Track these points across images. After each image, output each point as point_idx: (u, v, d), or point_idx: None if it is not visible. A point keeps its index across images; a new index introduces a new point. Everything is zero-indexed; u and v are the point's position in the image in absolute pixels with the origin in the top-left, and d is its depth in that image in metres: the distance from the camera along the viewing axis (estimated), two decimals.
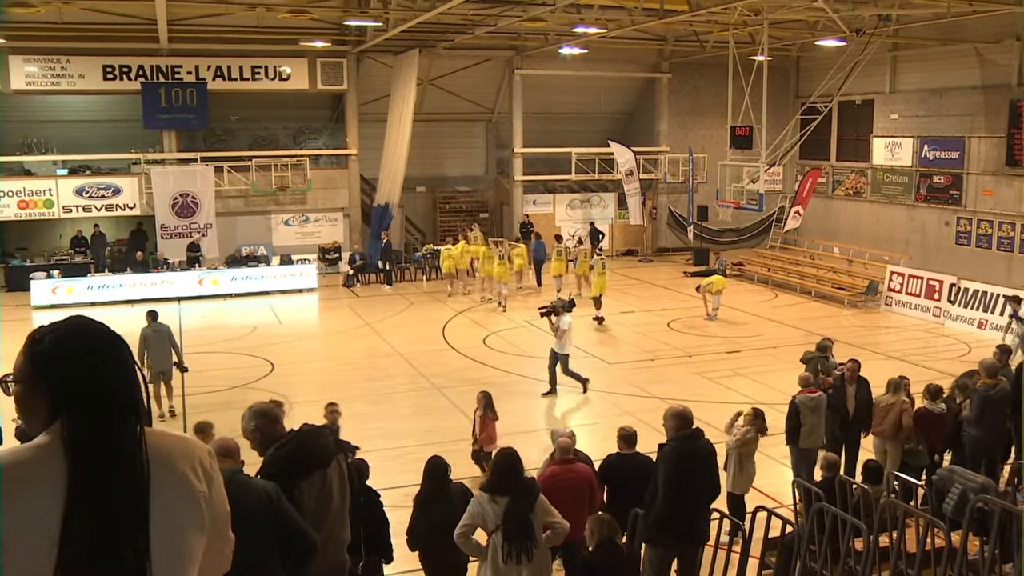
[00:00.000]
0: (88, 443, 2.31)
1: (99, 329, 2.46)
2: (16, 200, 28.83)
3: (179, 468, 2.43)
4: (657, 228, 35.75)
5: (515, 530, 7.08)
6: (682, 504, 7.97)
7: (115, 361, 2.41)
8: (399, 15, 23.77)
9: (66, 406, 2.34)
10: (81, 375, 2.36)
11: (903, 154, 30.37)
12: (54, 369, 2.36)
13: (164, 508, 2.36)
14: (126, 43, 28.37)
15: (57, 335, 2.40)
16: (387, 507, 8.34)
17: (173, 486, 2.40)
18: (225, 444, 4.81)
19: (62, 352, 2.37)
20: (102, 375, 2.37)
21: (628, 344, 21.31)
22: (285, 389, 17.58)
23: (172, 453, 2.44)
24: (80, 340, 2.40)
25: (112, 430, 2.34)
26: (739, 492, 10.56)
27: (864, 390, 12.19)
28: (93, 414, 2.34)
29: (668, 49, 33.71)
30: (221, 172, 30.13)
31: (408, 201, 34.13)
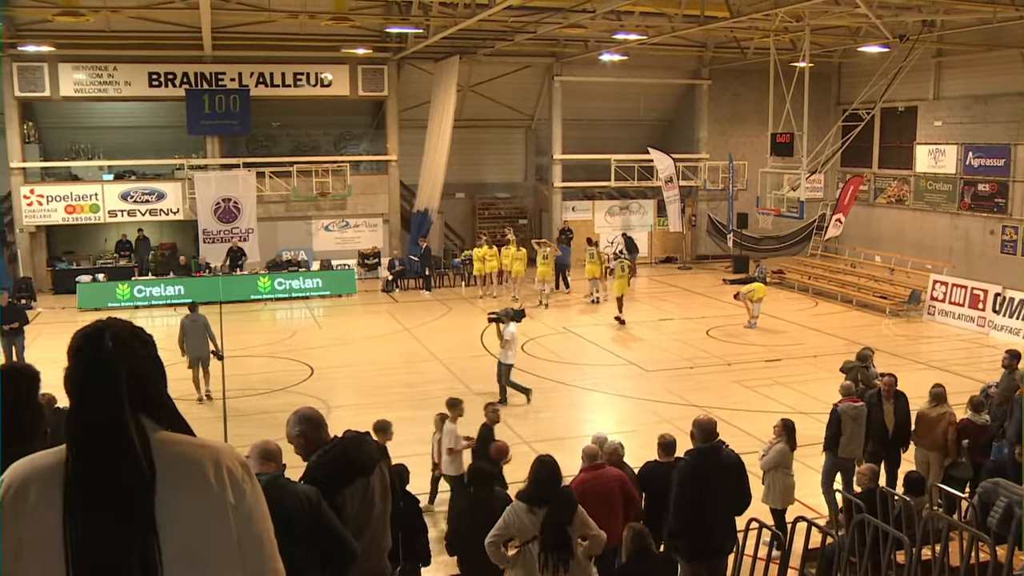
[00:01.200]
0: (85, 437, 2.35)
1: (118, 326, 2.47)
2: (63, 205, 29.30)
3: (199, 473, 2.40)
4: (696, 235, 35.57)
5: (553, 541, 7.06)
6: (699, 517, 7.89)
7: (128, 345, 2.44)
8: (440, 22, 23.84)
9: (70, 401, 2.39)
10: (81, 370, 2.39)
11: (947, 161, 29.99)
12: (70, 361, 2.42)
13: (178, 512, 2.35)
14: (171, 51, 28.73)
15: (78, 332, 2.45)
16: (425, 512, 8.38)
17: (191, 491, 2.38)
18: (267, 447, 4.83)
19: (72, 347, 2.43)
20: (105, 359, 2.38)
21: (667, 351, 21.21)
22: (324, 393, 17.72)
23: (193, 458, 2.42)
24: (88, 337, 2.43)
25: (111, 426, 2.34)
26: (779, 507, 10.42)
27: (902, 405, 11.89)
28: (91, 409, 2.36)
29: (708, 56, 33.55)
30: (263, 177, 30.42)
31: (447, 207, 34.23)
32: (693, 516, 7.86)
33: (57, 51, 27.45)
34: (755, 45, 29.98)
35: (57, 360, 2.48)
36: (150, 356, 2.52)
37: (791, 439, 10.57)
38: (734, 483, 8.12)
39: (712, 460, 7.98)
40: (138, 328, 2.53)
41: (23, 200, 29.02)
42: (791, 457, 10.56)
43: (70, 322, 25.14)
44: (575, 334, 23.09)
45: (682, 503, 7.90)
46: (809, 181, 26.54)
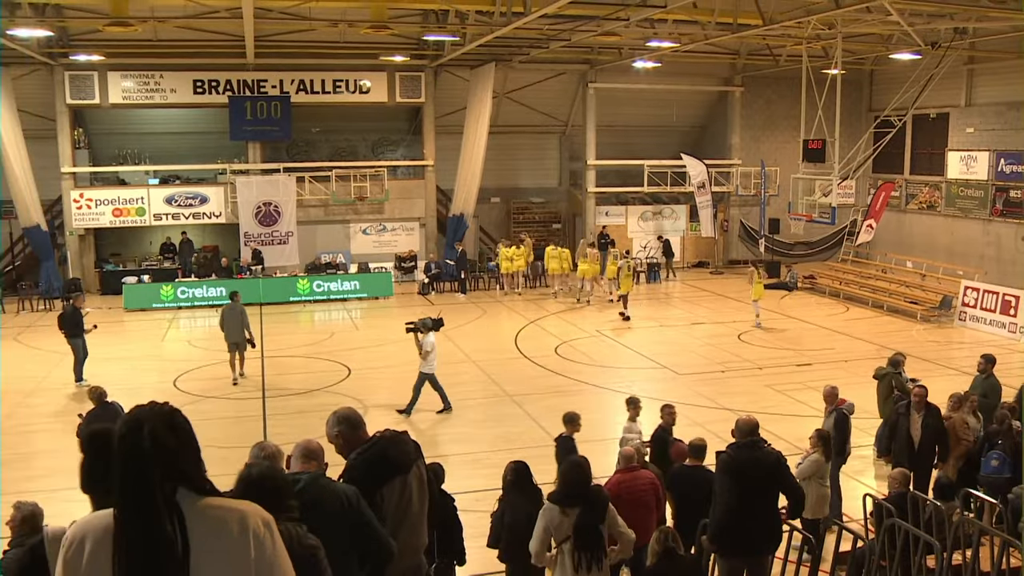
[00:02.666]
0: (125, 508, 2.76)
1: (155, 412, 2.88)
2: (111, 208, 29.71)
3: (227, 533, 2.83)
4: (728, 240, 35.39)
5: (586, 541, 7.09)
6: (742, 512, 7.86)
7: (160, 437, 2.81)
8: (476, 30, 23.89)
9: (114, 476, 2.80)
10: (122, 459, 2.80)
11: (979, 168, 29.65)
12: (117, 446, 2.83)
13: (208, 562, 2.78)
14: (215, 59, 29.05)
15: (121, 421, 2.86)
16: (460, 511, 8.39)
17: (220, 549, 2.81)
18: (309, 447, 4.85)
19: (119, 433, 2.83)
20: (145, 450, 2.78)
21: (698, 355, 21.10)
22: (361, 393, 17.82)
23: (221, 518, 2.85)
24: (129, 429, 2.82)
25: (146, 499, 2.75)
26: (813, 516, 10.29)
27: (933, 418, 11.39)
28: (129, 490, 2.77)
29: (741, 63, 33.40)
30: (302, 182, 30.63)
31: (483, 212, 34.29)
32: (734, 510, 7.82)
33: (107, 60, 27.86)
34: (787, 52, 29.82)
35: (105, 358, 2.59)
36: (183, 442, 2.89)
37: (826, 450, 10.45)
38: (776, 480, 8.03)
39: (752, 455, 7.96)
40: (174, 417, 2.92)
41: (73, 204, 29.46)
42: (826, 468, 10.44)
43: (117, 322, 25.46)
44: (608, 337, 23.05)
45: (724, 492, 7.88)
46: (841, 187, 26.35)
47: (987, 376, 13.26)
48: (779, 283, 30.39)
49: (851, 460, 12.19)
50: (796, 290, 29.72)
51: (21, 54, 25.95)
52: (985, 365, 13.38)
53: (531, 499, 8.20)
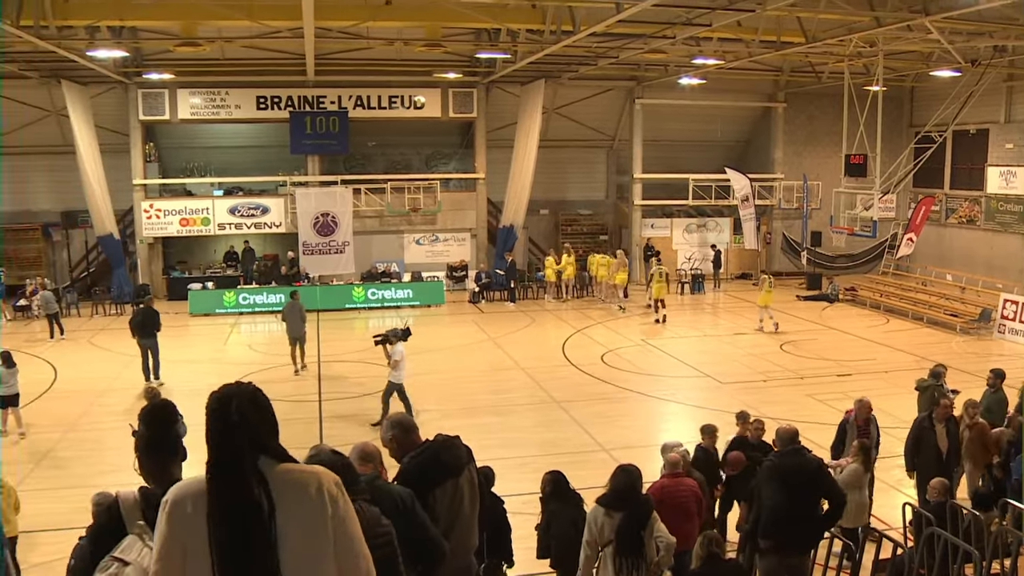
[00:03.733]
0: (219, 475, 3.06)
1: (240, 390, 3.20)
2: (178, 218, 30.21)
3: (307, 494, 3.12)
4: (771, 252, 35.07)
5: (628, 545, 7.15)
6: (787, 514, 7.82)
7: (241, 415, 3.11)
8: (527, 48, 23.96)
9: (207, 446, 3.10)
10: (214, 430, 3.10)
11: (1018, 183, 29.10)
12: (208, 419, 3.13)
13: (292, 518, 3.07)
14: (277, 76, 29.45)
15: (213, 395, 3.18)
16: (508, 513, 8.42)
17: (301, 507, 3.10)
18: (366, 449, 4.91)
19: (210, 407, 3.14)
20: (232, 423, 3.08)
21: (741, 365, 20.94)
22: (413, 398, 17.83)
23: (300, 481, 3.14)
24: (219, 402, 3.14)
25: (234, 465, 3.06)
26: (851, 525, 10.16)
27: (954, 427, 11.32)
28: (220, 458, 3.07)
29: (784, 79, 33.14)
30: (359, 194, 30.90)
31: (532, 223, 34.33)
32: (780, 512, 7.79)
33: (176, 78, 28.39)
34: (829, 69, 29.53)
35: (170, 360, 2.71)
36: (264, 416, 3.20)
37: (866, 460, 10.34)
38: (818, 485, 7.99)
39: (796, 461, 7.92)
40: (257, 394, 3.22)
41: (143, 214, 30.03)
42: (866, 478, 10.33)
43: (183, 326, 25.86)
44: (653, 346, 22.96)
45: (769, 496, 7.86)
46: (882, 201, 26.05)
47: (996, 391, 13.06)
48: (821, 295, 30.09)
49: (890, 470, 12.04)
50: (837, 301, 29.40)
51: (99, 73, 26.54)
52: (994, 380, 13.20)
53: (572, 505, 8.23)
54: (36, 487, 13.16)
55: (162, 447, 3.94)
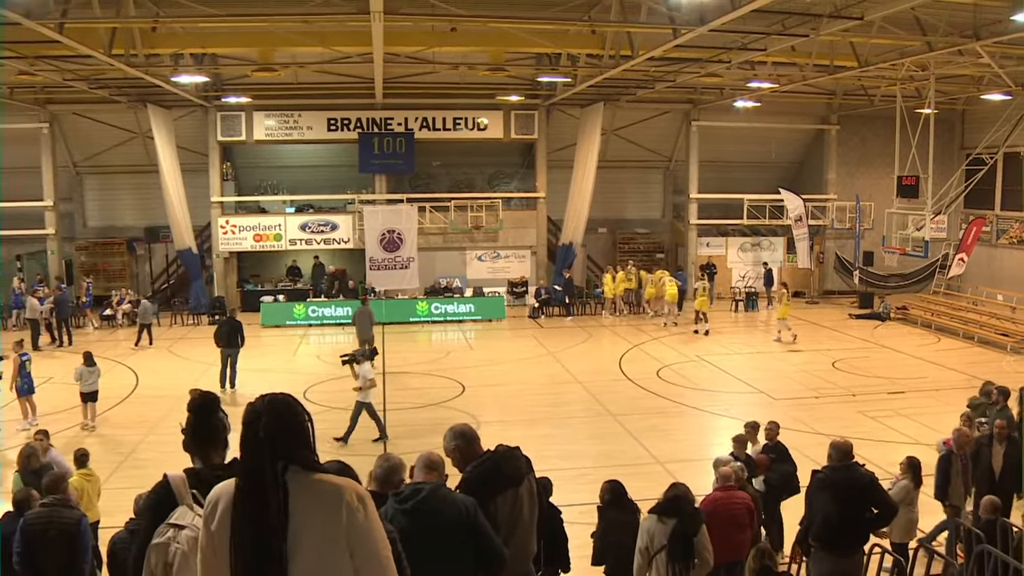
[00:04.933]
0: (244, 481, 3.21)
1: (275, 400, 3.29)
2: (252, 234, 30.81)
3: (323, 504, 3.20)
4: (824, 272, 34.65)
5: (678, 551, 7.25)
6: (838, 523, 7.78)
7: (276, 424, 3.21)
8: (587, 72, 24.06)
9: (242, 452, 3.25)
10: (243, 438, 3.23)
11: None
12: (243, 426, 3.26)
13: (308, 534, 3.17)
14: (347, 99, 29.93)
15: (249, 405, 3.29)
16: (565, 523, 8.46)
17: (316, 518, 3.19)
18: (431, 459, 5.00)
19: (243, 418, 3.26)
20: (262, 434, 3.19)
21: (793, 381, 20.72)
22: (474, 409, 18.00)
23: (319, 491, 3.22)
24: (249, 412, 3.25)
25: (257, 475, 3.18)
26: (900, 540, 10.03)
27: (1014, 448, 10.95)
28: (247, 464, 3.22)
29: (837, 102, 32.77)
30: (424, 211, 31.20)
31: (590, 241, 34.35)
32: (832, 522, 7.77)
33: (253, 102, 29.07)
34: (882, 92, 29.19)
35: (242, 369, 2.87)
36: (294, 428, 3.27)
37: (915, 477, 10.19)
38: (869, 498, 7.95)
39: (848, 474, 7.89)
40: (288, 408, 3.29)
41: (219, 229, 30.70)
42: (915, 494, 10.19)
43: (255, 337, 26.29)
44: (707, 362, 22.82)
45: (821, 507, 7.84)
46: (933, 222, 25.65)
47: (1000, 408, 12.76)
48: (872, 313, 29.64)
49: None
50: (889, 320, 28.92)
51: (181, 98, 27.28)
52: (998, 396, 12.90)
53: (630, 514, 8.27)
54: (118, 485, 13.51)
55: (203, 434, 4.16)
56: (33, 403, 17.16)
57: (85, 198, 33.16)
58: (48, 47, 18.88)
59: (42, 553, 7.41)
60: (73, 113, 30.34)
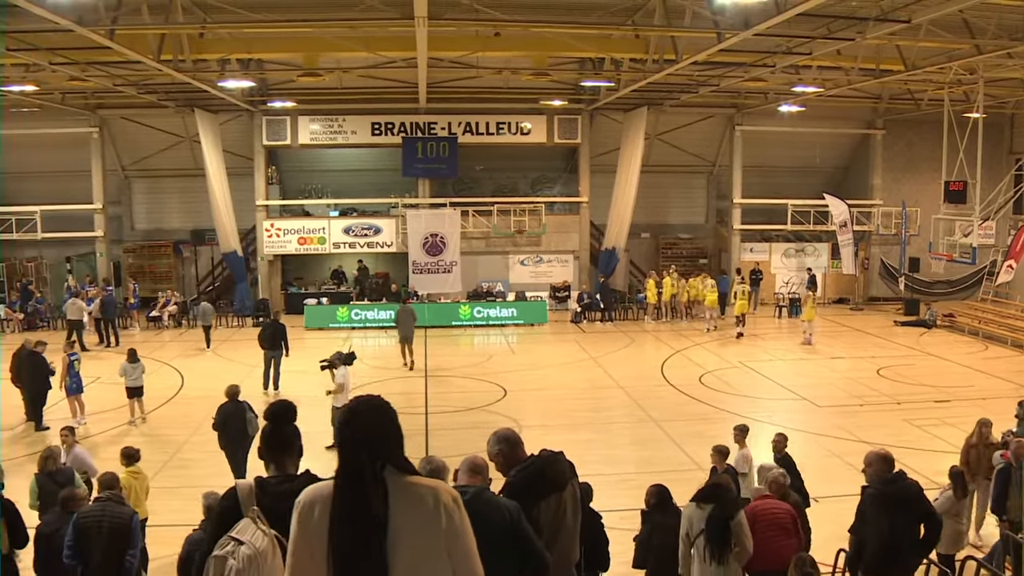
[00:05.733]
0: (344, 482, 3.25)
1: (372, 403, 3.37)
2: (297, 237, 31.13)
3: (423, 506, 3.25)
4: (869, 278, 34.21)
5: (714, 534, 7.49)
6: (892, 542, 7.67)
7: (375, 427, 3.30)
8: (630, 76, 24.02)
9: (338, 452, 3.32)
10: (344, 437, 3.29)
11: None
12: (338, 429, 3.37)
13: (407, 535, 3.22)
14: (391, 103, 30.17)
15: (346, 406, 3.39)
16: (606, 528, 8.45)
17: (416, 519, 3.24)
18: (476, 462, 5.00)
19: (341, 418, 3.34)
20: (359, 435, 3.26)
21: (838, 388, 20.48)
22: (515, 413, 18.02)
23: (417, 493, 3.29)
24: (351, 414, 3.33)
25: (358, 474, 3.22)
26: (947, 552, 9.88)
27: None
28: (348, 463, 3.25)
29: (883, 106, 32.36)
30: (467, 216, 31.33)
31: (633, 246, 34.23)
32: (887, 541, 7.66)
33: (298, 106, 29.40)
34: (929, 96, 28.80)
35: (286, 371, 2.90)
36: (388, 430, 3.35)
37: (960, 488, 10.03)
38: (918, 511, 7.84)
39: (898, 488, 7.79)
40: (383, 409, 3.36)
41: (264, 233, 31.06)
42: (960, 505, 10.03)
43: (298, 339, 26.52)
44: (750, 368, 22.64)
45: (874, 524, 7.71)
46: (981, 228, 25.24)
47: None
48: (918, 321, 29.20)
49: None
50: (935, 327, 28.49)
51: (228, 102, 27.68)
52: (1019, 411, 12.63)
53: (674, 518, 8.25)
54: (164, 484, 13.73)
55: (278, 442, 4.23)
56: (82, 402, 17.51)
57: (133, 201, 33.76)
58: (99, 53, 19.24)
59: (94, 548, 7.56)
60: (122, 118, 30.91)
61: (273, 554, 3.83)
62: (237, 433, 13.36)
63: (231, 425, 13.42)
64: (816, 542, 8.93)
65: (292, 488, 3.79)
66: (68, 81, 23.20)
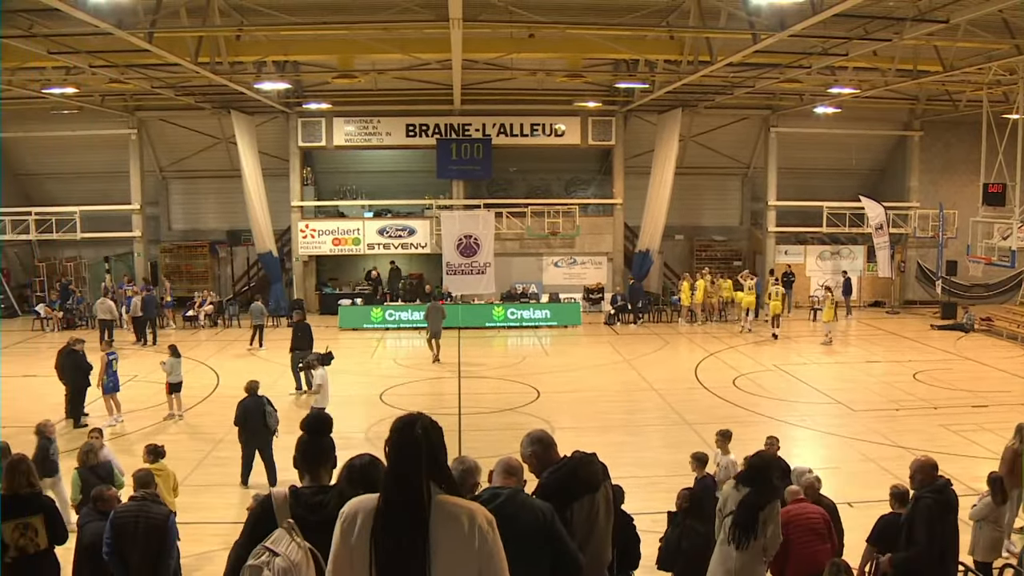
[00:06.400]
0: (394, 488, 3.40)
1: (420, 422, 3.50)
2: (331, 238, 31.36)
3: (459, 525, 3.39)
4: (905, 281, 33.85)
5: (742, 518, 7.39)
6: (939, 553, 7.62)
7: (421, 446, 3.41)
8: (664, 78, 23.97)
9: (387, 461, 3.47)
10: (397, 446, 3.42)
11: None
12: (392, 437, 3.47)
13: (443, 552, 3.35)
14: (425, 105, 30.31)
15: (400, 418, 3.52)
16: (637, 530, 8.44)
17: (453, 538, 3.38)
18: (510, 464, 5.00)
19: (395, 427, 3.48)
20: (409, 454, 3.40)
21: (873, 393, 20.28)
22: (548, 415, 18.01)
23: (455, 512, 3.43)
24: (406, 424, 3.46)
25: (407, 489, 3.36)
26: (983, 559, 9.74)
27: None
28: (400, 471, 3.39)
29: (920, 107, 31.99)
30: (501, 217, 31.38)
31: (667, 248, 34.13)
32: (936, 555, 7.60)
33: (333, 108, 29.63)
34: (967, 97, 28.44)
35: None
36: (441, 443, 3.50)
37: (999, 494, 9.91)
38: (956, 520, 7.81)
39: (948, 497, 7.73)
40: (436, 424, 3.52)
41: (299, 233, 31.32)
42: (999, 512, 9.90)
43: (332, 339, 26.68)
44: (785, 371, 22.48)
45: (929, 542, 7.59)
46: (1020, 230, 24.86)
47: None
48: (955, 324, 28.82)
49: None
50: (972, 332, 28.12)
51: (264, 104, 27.98)
52: None
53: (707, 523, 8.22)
54: (200, 482, 13.90)
55: (314, 453, 4.29)
56: (117, 401, 17.74)
57: (170, 202, 34.19)
58: (137, 56, 19.52)
59: (130, 546, 7.64)
60: (160, 119, 31.32)
61: (307, 567, 3.85)
62: (256, 428, 13.79)
63: (251, 420, 13.84)
64: (849, 544, 8.85)
65: (325, 500, 4.05)
66: (107, 83, 23.55)
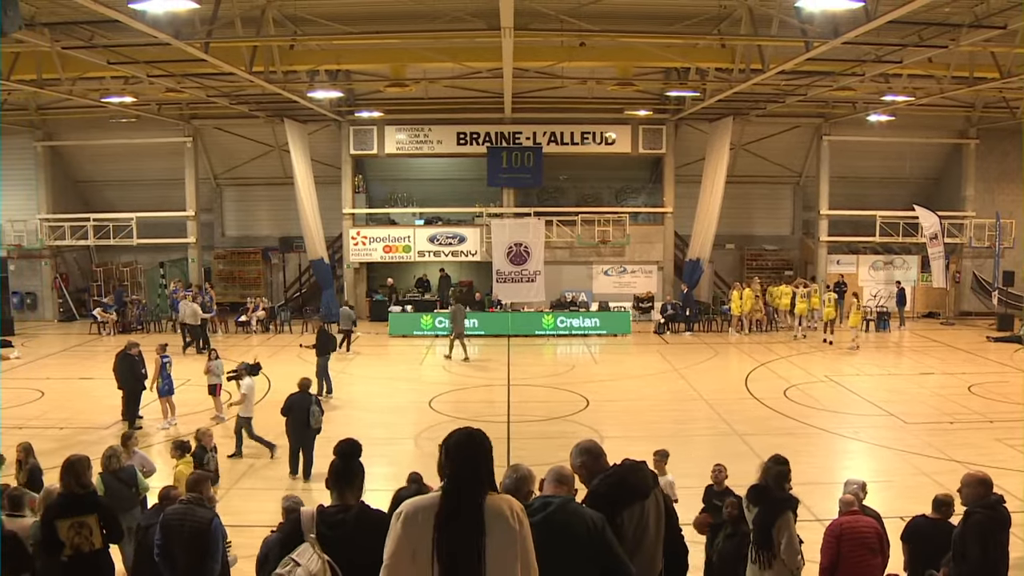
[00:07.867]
0: (455, 489, 4.01)
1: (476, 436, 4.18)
2: (382, 245, 31.64)
3: (503, 516, 3.98)
4: (960, 292, 33.25)
5: (759, 538, 7.58)
6: (993, 570, 7.48)
7: (478, 456, 4.09)
8: (715, 86, 23.84)
9: (450, 467, 4.08)
10: (458, 461, 4.06)
11: None
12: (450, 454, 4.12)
13: (495, 543, 3.91)
14: (476, 113, 30.48)
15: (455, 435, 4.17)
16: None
17: (502, 529, 3.96)
18: (562, 472, 5.03)
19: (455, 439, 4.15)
20: (469, 462, 4.06)
21: (927, 405, 19.92)
22: (597, 423, 17.97)
23: (501, 506, 4.01)
24: (467, 437, 4.15)
25: (467, 492, 3.99)
26: None
27: None
28: (459, 480, 4.02)
29: (976, 115, 31.45)
30: (551, 225, 31.40)
31: (718, 257, 33.90)
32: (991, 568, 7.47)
33: (384, 116, 29.94)
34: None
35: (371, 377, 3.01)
36: (490, 452, 4.14)
37: None
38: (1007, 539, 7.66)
39: (1002, 514, 7.60)
40: (487, 437, 4.18)
41: (351, 240, 31.63)
42: None
43: (382, 346, 27.00)
44: (837, 383, 22.20)
45: (984, 558, 7.44)
46: None
47: None
48: (1012, 336, 28.22)
49: None
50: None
51: (316, 112, 28.33)
52: None
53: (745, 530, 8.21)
54: (248, 486, 14.11)
55: (344, 476, 4.72)
56: (172, 404, 18.06)
57: (224, 209, 34.77)
58: (194, 65, 19.89)
59: (177, 549, 7.76)
60: (215, 127, 31.89)
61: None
62: (299, 422, 14.32)
63: (295, 413, 14.38)
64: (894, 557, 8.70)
65: (345, 519, 4.56)
66: (164, 93, 24.03)
